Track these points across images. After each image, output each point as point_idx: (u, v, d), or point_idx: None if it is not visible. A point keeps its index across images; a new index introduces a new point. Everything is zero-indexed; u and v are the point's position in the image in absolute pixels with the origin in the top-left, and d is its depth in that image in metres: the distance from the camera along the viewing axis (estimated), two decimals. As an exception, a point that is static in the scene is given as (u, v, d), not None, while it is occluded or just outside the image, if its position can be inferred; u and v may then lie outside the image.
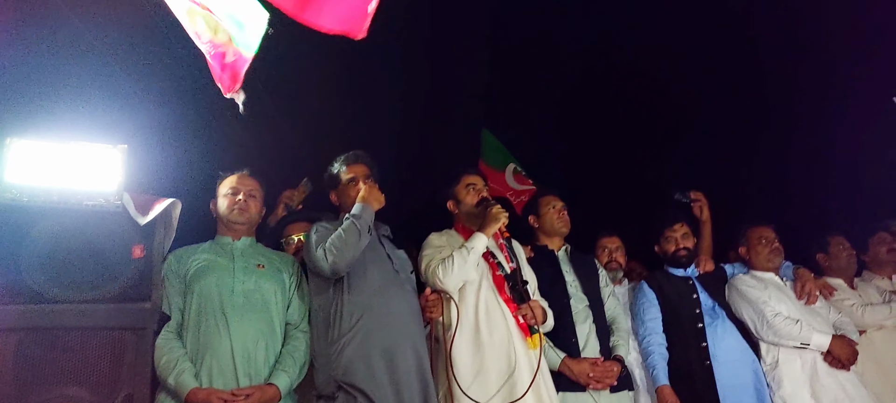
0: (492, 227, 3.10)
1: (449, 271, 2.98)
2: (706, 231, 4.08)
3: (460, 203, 3.35)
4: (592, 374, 3.17)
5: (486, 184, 3.40)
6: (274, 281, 2.87)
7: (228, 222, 2.95)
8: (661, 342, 3.55)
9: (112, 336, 2.33)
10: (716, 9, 5.17)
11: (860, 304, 3.83)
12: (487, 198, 3.29)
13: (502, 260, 3.20)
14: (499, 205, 3.18)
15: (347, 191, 3.09)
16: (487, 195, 3.32)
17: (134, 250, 2.46)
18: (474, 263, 3.04)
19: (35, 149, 2.41)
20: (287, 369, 2.70)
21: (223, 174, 3.07)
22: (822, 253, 4.07)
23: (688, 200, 4.10)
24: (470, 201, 3.31)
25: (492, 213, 3.12)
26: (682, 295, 3.66)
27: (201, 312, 2.69)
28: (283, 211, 3.76)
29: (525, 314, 3.01)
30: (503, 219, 3.12)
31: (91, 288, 2.35)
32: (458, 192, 3.36)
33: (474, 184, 3.35)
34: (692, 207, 4.10)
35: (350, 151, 3.20)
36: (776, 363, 3.51)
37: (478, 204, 3.27)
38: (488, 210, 3.16)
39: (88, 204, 2.42)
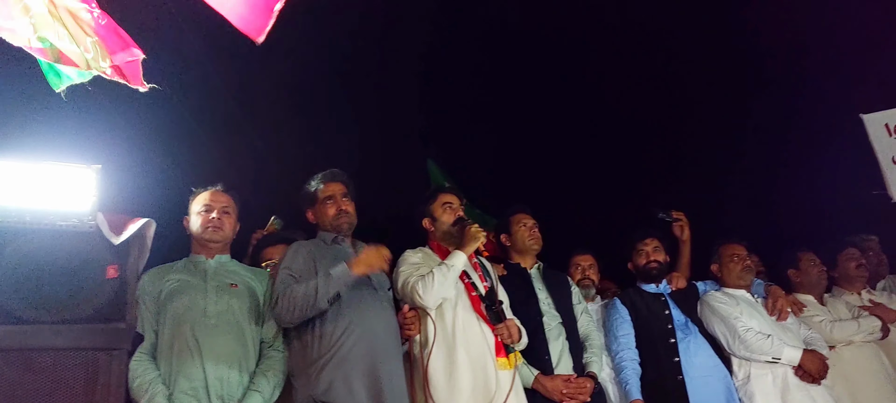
0: (471, 246, 3.11)
1: (429, 288, 2.98)
2: (686, 250, 4.13)
3: (436, 221, 3.36)
4: (566, 391, 3.19)
5: (462, 204, 3.41)
6: (247, 299, 2.86)
7: (203, 240, 2.95)
8: (633, 357, 3.58)
9: (86, 357, 2.32)
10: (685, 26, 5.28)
11: (829, 320, 3.89)
12: (463, 217, 3.31)
13: (476, 279, 3.22)
14: (477, 225, 3.20)
15: (325, 209, 3.11)
16: (462, 214, 3.34)
17: (108, 270, 2.46)
18: (454, 280, 3.05)
19: (7, 169, 2.40)
20: (260, 389, 2.69)
21: (196, 190, 3.06)
22: (793, 269, 4.13)
23: (669, 219, 4.15)
24: (446, 220, 3.32)
25: (470, 232, 3.14)
26: (655, 312, 3.71)
27: (174, 333, 2.67)
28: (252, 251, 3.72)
29: (502, 333, 3.03)
30: (482, 239, 3.15)
31: (65, 309, 2.34)
32: (435, 210, 3.37)
33: (451, 203, 3.37)
34: (672, 226, 4.17)
35: (327, 170, 3.22)
36: (748, 378, 3.56)
37: (455, 223, 3.29)
38: (467, 229, 3.17)
39: (62, 224, 2.41)
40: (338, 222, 3.09)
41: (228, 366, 2.66)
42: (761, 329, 3.61)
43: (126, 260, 2.52)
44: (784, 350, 3.54)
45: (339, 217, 3.09)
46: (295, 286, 2.76)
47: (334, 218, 3.09)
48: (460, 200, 3.42)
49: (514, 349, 3.05)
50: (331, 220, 3.09)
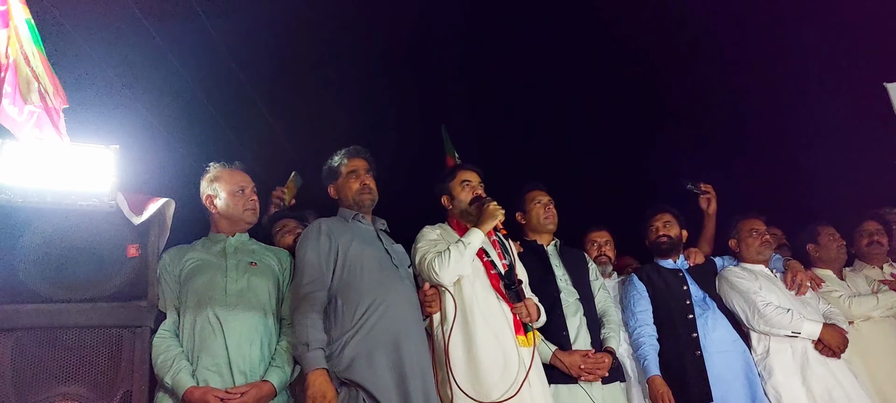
0: (489, 223, 3.11)
1: (445, 265, 2.98)
2: (710, 224, 4.13)
3: (455, 199, 3.36)
4: (584, 366, 3.19)
5: (481, 182, 3.40)
6: (267, 277, 2.89)
7: (238, 220, 2.99)
8: (651, 333, 3.58)
9: (109, 335, 2.35)
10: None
11: (848, 295, 3.87)
12: (482, 195, 3.30)
13: (495, 257, 3.21)
14: (495, 202, 3.19)
15: (348, 184, 3.11)
16: (482, 192, 3.33)
17: (129, 249, 2.48)
18: (470, 258, 3.04)
19: (28, 151, 2.41)
20: (281, 365, 2.72)
21: (213, 166, 3.08)
22: (812, 244, 4.11)
23: (697, 191, 4.14)
24: (465, 197, 3.31)
25: (489, 210, 3.13)
26: (672, 287, 3.70)
27: (196, 312, 2.71)
28: (273, 209, 3.77)
29: (521, 312, 3.03)
30: (500, 216, 3.14)
31: (87, 288, 2.37)
32: (453, 188, 3.37)
33: (469, 180, 3.36)
34: (699, 199, 4.15)
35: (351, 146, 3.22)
36: (767, 352, 3.55)
37: (473, 201, 3.28)
38: (485, 206, 3.16)
39: (82, 204, 2.42)
40: (361, 197, 3.10)
41: (250, 343, 2.69)
42: (780, 303, 3.60)
43: (147, 239, 2.53)
44: (804, 324, 3.52)
45: (362, 192, 3.10)
46: (302, 326, 2.70)
47: (358, 193, 3.10)
48: (480, 177, 3.42)
49: (532, 327, 3.06)
50: (354, 195, 3.10)
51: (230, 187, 3.01)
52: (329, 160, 3.22)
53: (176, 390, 2.55)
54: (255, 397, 2.59)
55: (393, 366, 2.70)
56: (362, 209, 3.11)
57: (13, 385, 2.19)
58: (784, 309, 3.55)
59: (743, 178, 5.21)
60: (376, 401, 2.62)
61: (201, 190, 3.05)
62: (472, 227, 3.12)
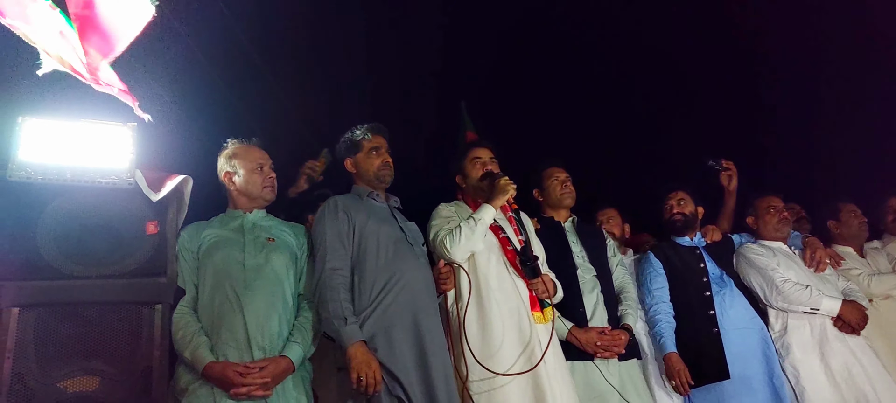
0: (500, 199, 3.11)
1: (456, 241, 3.00)
2: (730, 201, 4.13)
3: (466, 176, 3.37)
4: (600, 343, 3.19)
5: (492, 157, 3.39)
6: (284, 253, 2.90)
7: (257, 196, 2.99)
8: (668, 310, 3.58)
9: (130, 311, 2.37)
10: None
11: (867, 273, 3.85)
12: (493, 170, 3.29)
13: (511, 233, 3.21)
14: (506, 177, 3.18)
15: (370, 160, 3.12)
16: (494, 168, 3.32)
17: (148, 226, 2.49)
18: (482, 234, 3.04)
19: (48, 128, 2.42)
20: (299, 340, 2.73)
21: (231, 142, 3.08)
22: (833, 221, 4.07)
23: (719, 167, 4.13)
24: (475, 174, 3.32)
25: (500, 185, 3.13)
26: (689, 265, 3.68)
27: (214, 288, 2.72)
28: (305, 182, 3.76)
29: (537, 288, 3.03)
30: (511, 191, 3.13)
31: (108, 264, 2.38)
32: (465, 166, 3.38)
33: (479, 157, 3.36)
34: (720, 175, 4.13)
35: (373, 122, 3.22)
36: (785, 329, 3.54)
37: (483, 177, 3.28)
38: (496, 182, 3.16)
39: (101, 181, 2.43)
40: (382, 173, 3.11)
41: (268, 319, 2.70)
42: (799, 280, 3.58)
43: (165, 216, 2.54)
44: (823, 300, 3.50)
45: (383, 168, 3.11)
46: (334, 301, 2.73)
47: (379, 169, 3.10)
48: (492, 153, 3.40)
49: (549, 303, 3.05)
50: (375, 170, 3.10)
51: (249, 164, 3.01)
52: (350, 133, 3.21)
53: (195, 365, 2.56)
54: (273, 372, 2.60)
55: (413, 344, 2.72)
56: (381, 185, 3.12)
57: (36, 360, 2.21)
58: (802, 286, 3.53)
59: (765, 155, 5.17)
60: (396, 379, 2.64)
61: (219, 166, 3.05)
62: (484, 203, 3.12)
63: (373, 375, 2.61)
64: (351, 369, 2.61)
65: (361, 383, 2.60)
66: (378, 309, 2.75)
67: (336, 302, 2.71)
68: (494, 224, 3.17)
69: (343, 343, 2.65)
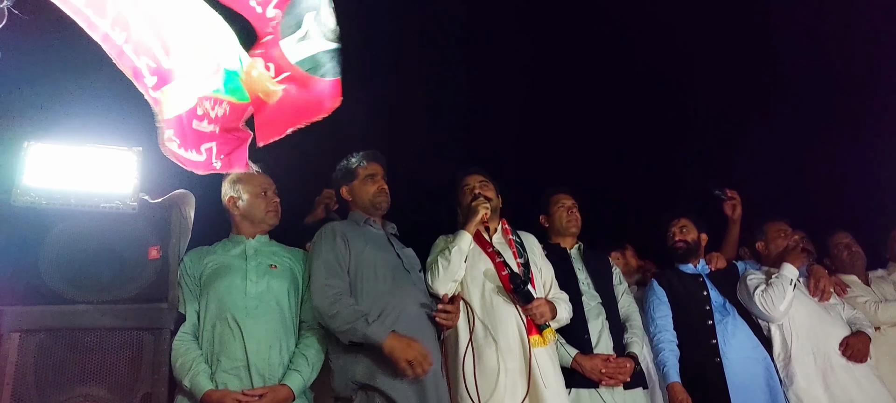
0: (473, 222, 3.12)
1: (436, 275, 3.02)
2: (734, 230, 4.11)
3: (461, 206, 3.38)
4: (605, 370, 3.16)
5: (483, 181, 3.37)
6: (287, 280, 2.89)
7: (260, 221, 3.00)
8: (671, 339, 3.55)
9: (130, 337, 2.37)
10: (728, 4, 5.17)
11: (874, 301, 3.81)
12: (478, 194, 3.28)
13: (509, 257, 3.19)
14: (481, 198, 3.19)
15: (366, 187, 3.13)
16: (484, 191, 3.31)
17: (150, 251, 2.50)
18: (459, 261, 3.04)
19: (53, 153, 2.43)
20: (299, 369, 2.72)
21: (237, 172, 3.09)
22: (827, 257, 4.07)
23: (724, 197, 4.13)
24: (465, 202, 3.33)
25: (471, 208, 3.15)
26: (692, 293, 3.66)
27: (216, 314, 2.72)
28: (322, 212, 3.73)
29: (533, 315, 3.00)
30: (482, 211, 3.13)
31: (109, 289, 2.39)
32: (459, 196, 3.40)
33: (468, 184, 3.37)
34: (725, 205, 4.12)
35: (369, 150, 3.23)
36: (789, 358, 3.49)
37: (470, 202, 3.28)
38: (470, 205, 3.18)
39: (105, 206, 2.44)
40: (378, 200, 3.11)
41: (269, 346, 2.69)
42: (803, 308, 3.54)
43: (168, 241, 2.55)
44: (784, 268, 3.51)
45: (379, 195, 3.11)
46: (346, 308, 2.73)
47: (375, 196, 3.11)
48: (482, 177, 3.39)
49: (547, 325, 3.03)
50: (371, 197, 3.11)
51: (253, 189, 3.02)
52: (345, 161, 3.23)
53: (194, 392, 2.55)
54: (272, 400, 2.59)
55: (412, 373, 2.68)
56: (377, 212, 3.13)
57: (35, 385, 2.21)
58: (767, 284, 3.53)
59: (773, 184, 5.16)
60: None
61: (223, 191, 3.05)
62: (460, 229, 3.14)
63: (420, 354, 2.62)
64: (397, 360, 2.61)
65: (414, 367, 2.60)
66: None
67: (348, 309, 2.71)
68: (492, 249, 3.17)
69: (375, 342, 2.65)
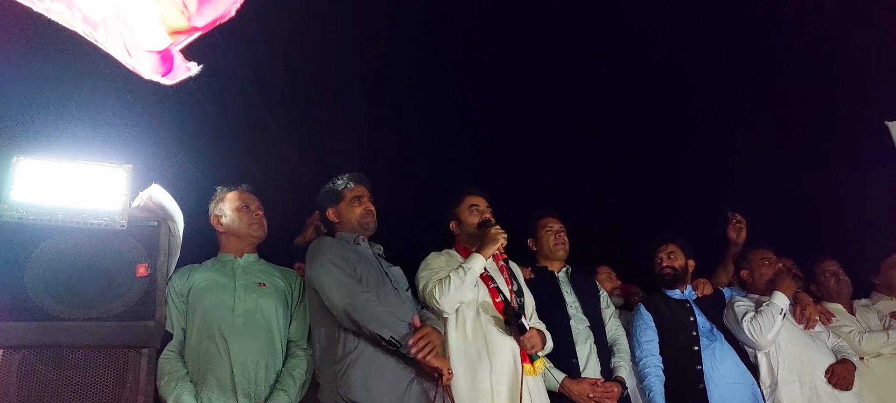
0: (490, 248, 3.09)
1: (445, 292, 2.97)
2: (727, 265, 4.15)
3: (462, 223, 3.36)
4: (592, 395, 3.17)
5: (488, 206, 3.38)
6: (276, 298, 2.88)
7: (244, 236, 2.99)
8: (657, 364, 3.55)
9: (116, 355, 2.34)
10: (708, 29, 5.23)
11: (858, 331, 3.82)
12: (488, 219, 3.29)
13: (502, 284, 3.19)
14: (498, 227, 3.17)
15: (352, 208, 3.12)
16: (489, 216, 3.32)
17: (138, 268, 2.48)
18: (471, 284, 3.03)
19: (41, 169, 2.42)
20: (286, 388, 2.71)
21: (221, 189, 3.10)
22: (813, 284, 4.09)
23: (729, 217, 4.15)
24: (472, 221, 3.31)
25: (490, 234, 3.12)
26: (679, 318, 3.66)
27: (202, 332, 2.71)
28: (312, 233, 3.72)
29: (526, 346, 2.99)
30: (502, 240, 3.12)
31: (95, 306, 2.36)
32: (461, 212, 3.37)
33: (477, 205, 3.35)
34: (729, 226, 4.15)
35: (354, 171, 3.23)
36: (775, 385, 3.50)
37: (480, 225, 3.27)
38: (487, 231, 3.15)
39: (94, 222, 2.43)
40: (365, 221, 3.11)
41: (256, 365, 2.68)
42: (788, 334, 3.56)
43: (156, 259, 2.53)
44: (774, 296, 3.52)
45: (365, 216, 3.11)
46: (372, 303, 2.74)
47: (362, 217, 3.11)
48: (488, 202, 3.40)
49: (538, 356, 3.03)
50: (358, 219, 3.11)
51: (235, 204, 3.03)
52: (331, 183, 3.22)
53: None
54: None
55: (394, 388, 2.69)
56: (365, 233, 3.12)
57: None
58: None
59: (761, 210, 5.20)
60: None
61: (209, 212, 3.06)
62: (474, 252, 3.11)
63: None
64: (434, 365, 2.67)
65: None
66: (364, 353, 2.71)
67: (384, 310, 2.72)
68: (485, 273, 3.16)
69: (391, 334, 2.67)
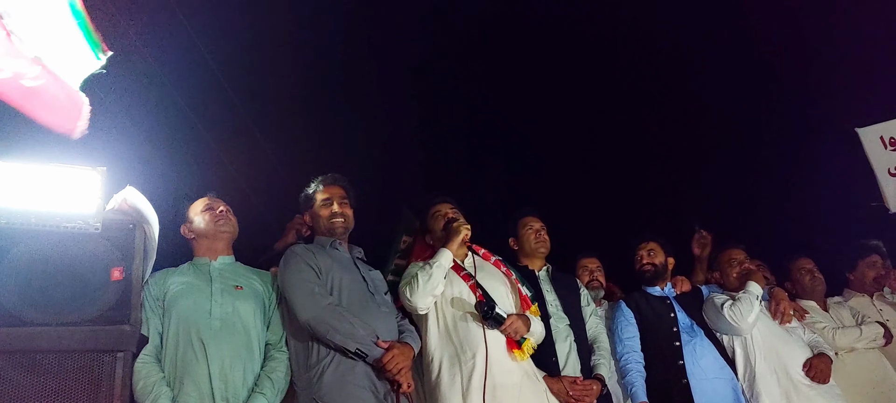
0: (455, 240, 3.15)
1: (415, 289, 3.01)
2: (701, 266, 4.20)
3: (431, 231, 3.42)
4: (572, 392, 3.18)
5: (454, 208, 3.41)
6: (253, 301, 2.87)
7: (211, 234, 2.97)
8: (639, 360, 3.58)
9: (91, 360, 2.30)
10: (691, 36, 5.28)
11: (832, 327, 3.89)
12: (453, 217, 3.32)
13: (498, 282, 3.21)
14: (462, 219, 3.24)
15: (320, 212, 3.13)
16: (453, 216, 3.34)
17: (113, 272, 2.45)
18: (440, 277, 3.05)
19: (13, 172, 2.38)
20: (264, 391, 2.68)
21: (188, 202, 3.10)
22: (788, 282, 4.14)
23: (698, 233, 4.22)
24: (437, 227, 3.37)
25: (453, 228, 3.19)
26: (660, 314, 3.70)
27: (179, 336, 2.68)
28: (293, 237, 3.71)
29: (509, 333, 3.00)
30: (465, 231, 3.18)
31: (70, 311, 2.32)
32: (429, 223, 3.43)
33: (439, 210, 3.41)
34: (694, 240, 4.20)
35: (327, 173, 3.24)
36: (753, 377, 3.54)
37: (444, 227, 3.31)
38: (451, 225, 3.22)
39: (67, 226, 2.40)
40: (331, 224, 3.10)
41: (233, 368, 2.66)
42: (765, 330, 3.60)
43: (131, 263, 2.50)
44: (750, 286, 3.58)
45: (332, 218, 3.11)
46: (336, 315, 2.74)
47: (328, 220, 3.11)
48: (452, 205, 3.43)
49: (525, 339, 3.03)
50: (324, 222, 3.11)
51: (199, 206, 3.04)
52: (306, 188, 3.24)
53: (155, 416, 2.50)
54: None
55: (371, 391, 2.70)
56: (335, 235, 3.10)
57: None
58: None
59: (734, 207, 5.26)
60: None
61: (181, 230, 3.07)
62: (440, 247, 3.15)
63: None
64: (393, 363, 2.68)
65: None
66: (337, 357, 2.72)
67: (351, 325, 2.71)
68: (465, 272, 3.18)
69: (364, 349, 2.68)
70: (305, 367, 2.74)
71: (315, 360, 2.72)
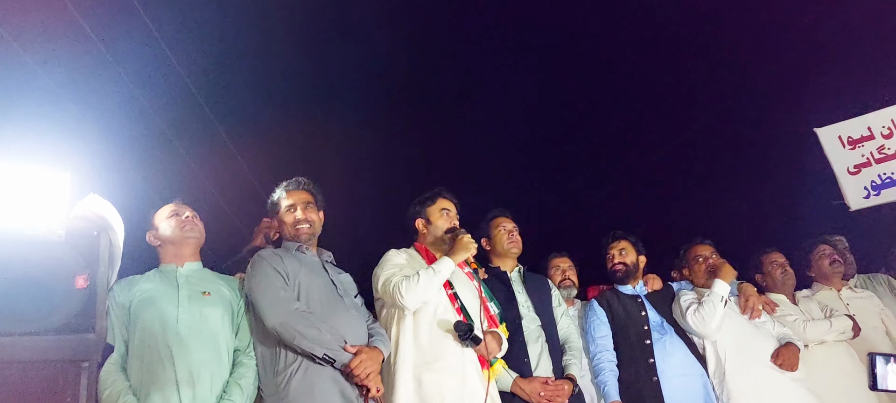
0: (461, 255, 3.12)
1: (413, 288, 2.96)
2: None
3: (431, 224, 3.36)
4: (544, 393, 3.19)
5: (457, 213, 3.40)
6: (221, 307, 2.83)
7: (178, 240, 2.92)
8: (611, 359, 3.61)
9: (54, 369, 2.26)
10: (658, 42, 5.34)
11: (802, 320, 3.93)
12: (457, 226, 3.30)
13: (470, 294, 3.18)
14: (469, 235, 3.20)
15: (285, 217, 3.10)
16: (457, 224, 3.33)
17: (77, 280, 2.40)
18: (438, 286, 3.04)
19: (-27, 178, 2.34)
20: (234, 398, 2.66)
21: (154, 209, 3.05)
22: (759, 274, 4.20)
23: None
24: (442, 225, 3.33)
25: (463, 242, 3.15)
26: (631, 313, 3.73)
27: (145, 343, 2.63)
28: (262, 241, 3.67)
29: (483, 352, 2.99)
30: (473, 250, 3.16)
31: (32, 320, 2.28)
32: (431, 213, 3.38)
33: (448, 209, 3.37)
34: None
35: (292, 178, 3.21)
36: (723, 374, 3.58)
37: (448, 230, 3.29)
38: (459, 238, 3.17)
39: (30, 232, 2.35)
40: (295, 230, 3.07)
41: (200, 375, 2.62)
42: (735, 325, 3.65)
43: (96, 270, 2.46)
44: (715, 286, 3.61)
45: (296, 224, 3.07)
46: (303, 320, 2.72)
47: (292, 226, 3.07)
48: (457, 208, 3.42)
49: (495, 359, 3.04)
50: (289, 228, 3.08)
51: (163, 213, 2.99)
52: (272, 193, 3.20)
53: (121, 426, 2.46)
54: None
55: (339, 397, 2.68)
56: (300, 240, 3.07)
57: (-50, 423, 2.10)
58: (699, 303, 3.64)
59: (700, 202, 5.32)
60: None
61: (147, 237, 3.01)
62: (441, 256, 3.11)
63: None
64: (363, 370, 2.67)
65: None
66: (304, 363, 2.70)
67: (319, 331, 2.69)
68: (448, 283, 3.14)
69: (332, 357, 2.67)
70: (273, 373, 2.72)
71: (282, 366, 2.70)
